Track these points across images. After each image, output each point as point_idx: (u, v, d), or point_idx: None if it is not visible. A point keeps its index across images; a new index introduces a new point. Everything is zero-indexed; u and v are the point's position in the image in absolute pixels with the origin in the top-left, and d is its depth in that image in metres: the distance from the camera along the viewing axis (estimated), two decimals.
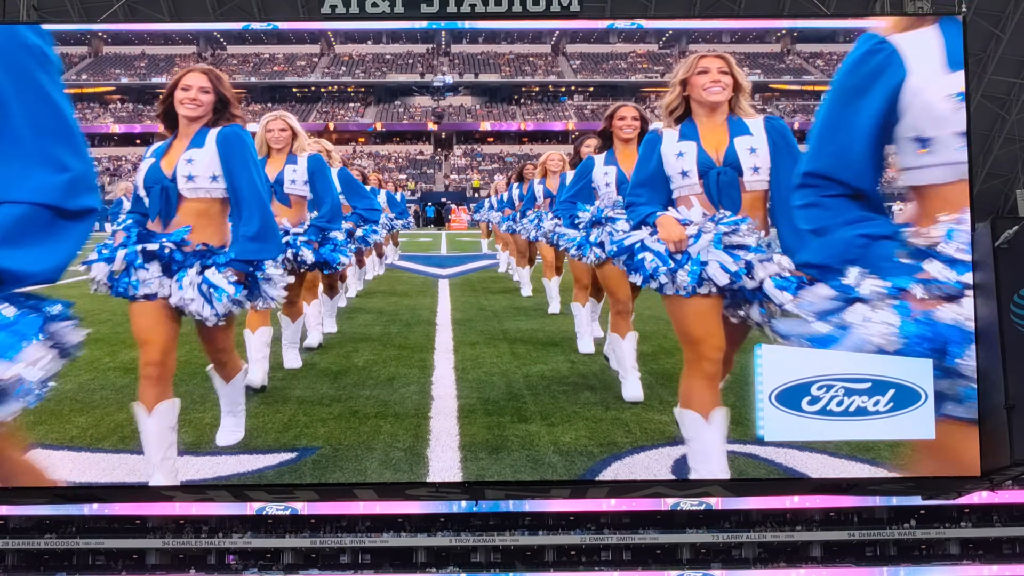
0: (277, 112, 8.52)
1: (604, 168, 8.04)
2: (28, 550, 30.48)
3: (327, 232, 8.38)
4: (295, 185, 8.35)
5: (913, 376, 6.58)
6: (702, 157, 6.49)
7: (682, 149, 6.53)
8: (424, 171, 12.95)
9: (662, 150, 6.58)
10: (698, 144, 6.52)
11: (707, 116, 6.58)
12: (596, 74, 12.59)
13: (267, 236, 6.84)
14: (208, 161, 6.69)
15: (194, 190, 6.67)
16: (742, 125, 6.56)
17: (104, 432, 7.23)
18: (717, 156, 6.50)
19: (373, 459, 7.07)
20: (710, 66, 6.58)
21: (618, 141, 8.00)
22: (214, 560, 31.19)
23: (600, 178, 8.05)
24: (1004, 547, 31.56)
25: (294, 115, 8.58)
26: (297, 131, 8.46)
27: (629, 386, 7.83)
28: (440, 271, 11.78)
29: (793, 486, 8.63)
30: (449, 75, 12.32)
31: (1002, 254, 6.92)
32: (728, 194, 6.46)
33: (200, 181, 6.67)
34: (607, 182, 7.98)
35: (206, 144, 6.72)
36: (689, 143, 6.54)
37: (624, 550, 31.32)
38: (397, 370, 8.63)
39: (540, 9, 7.91)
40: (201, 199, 6.70)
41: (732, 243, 6.41)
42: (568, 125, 12.73)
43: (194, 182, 6.65)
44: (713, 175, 6.47)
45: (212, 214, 6.73)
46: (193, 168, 6.65)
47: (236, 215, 6.77)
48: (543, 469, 7.03)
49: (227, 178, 6.70)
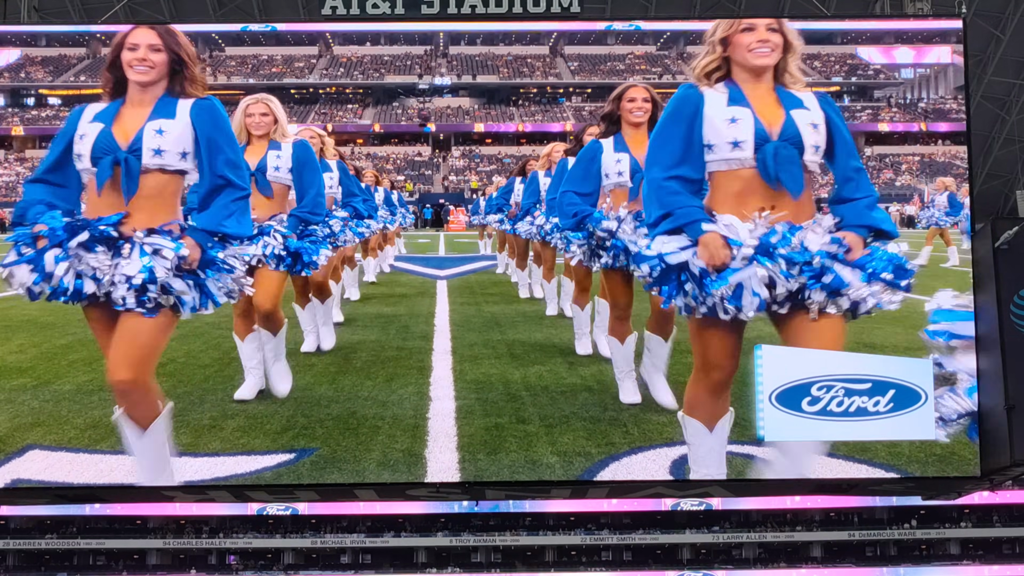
0: (258, 95, 7.79)
1: (616, 155, 7.31)
2: (29, 550, 30.47)
3: (308, 224, 7.78)
4: (279, 173, 7.73)
5: (913, 376, 6.58)
6: (759, 127, 5.74)
7: (735, 114, 5.77)
8: (422, 172, 12.94)
9: (707, 112, 5.81)
10: (753, 112, 5.77)
11: (753, 82, 5.83)
12: (594, 75, 12.58)
13: (242, 213, 6.15)
14: (180, 135, 5.96)
15: (160, 165, 5.95)
16: (793, 98, 5.86)
17: (103, 433, 7.22)
18: (772, 129, 5.75)
19: (371, 460, 7.07)
20: (757, 23, 5.83)
21: (627, 126, 7.31)
22: (215, 560, 31.18)
23: (611, 166, 7.33)
24: (1004, 547, 31.52)
25: (294, 117, 8.44)
26: (279, 116, 7.78)
27: (627, 390, 7.78)
28: (438, 272, 11.77)
29: (793, 486, 8.62)
30: (448, 77, 12.31)
31: (1002, 255, 6.91)
32: (789, 171, 5.71)
33: (168, 157, 5.94)
34: (619, 171, 7.30)
35: (177, 116, 5.96)
36: (743, 108, 5.80)
37: (624, 550, 31.30)
38: (395, 371, 8.62)
39: (541, 10, 7.89)
40: (162, 174, 5.95)
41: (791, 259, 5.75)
42: (566, 126, 12.71)
43: (161, 157, 5.93)
44: (771, 149, 5.69)
45: (168, 193, 6.00)
46: (163, 141, 5.91)
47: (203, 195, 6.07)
48: (541, 470, 7.02)
49: (202, 156, 6.00)
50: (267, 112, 7.72)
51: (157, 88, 6.05)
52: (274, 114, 7.74)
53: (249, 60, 11.73)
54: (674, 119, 5.85)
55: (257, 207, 7.35)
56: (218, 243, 6.09)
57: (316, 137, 8.40)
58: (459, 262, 11.95)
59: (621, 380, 7.83)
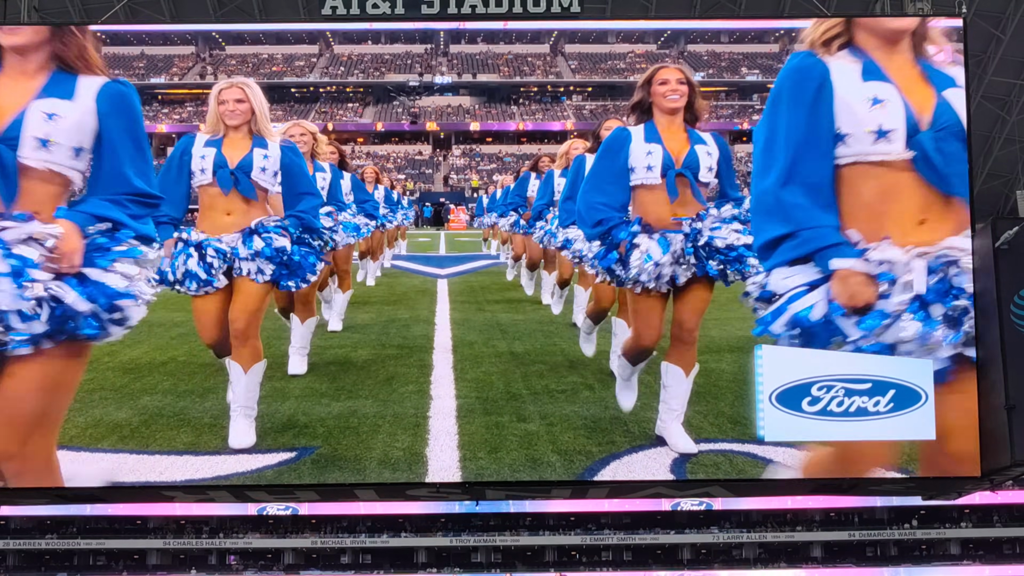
0: (232, 79, 6.78)
1: (646, 146, 6.24)
2: (29, 550, 30.45)
3: (309, 231, 7.00)
4: (264, 175, 6.79)
5: (913, 376, 6.56)
6: (909, 112, 4.68)
7: (877, 93, 4.65)
8: (423, 171, 12.94)
9: (838, 90, 4.72)
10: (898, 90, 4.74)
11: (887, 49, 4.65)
12: (594, 74, 12.58)
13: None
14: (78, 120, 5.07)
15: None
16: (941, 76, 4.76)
17: (104, 432, 7.22)
18: (923, 116, 4.65)
19: (372, 458, 7.06)
20: None
21: (660, 113, 6.29)
22: (215, 560, 31.15)
23: (640, 158, 6.27)
24: (1004, 547, 31.50)
25: (294, 115, 8.28)
26: (256, 105, 6.68)
27: (625, 397, 7.61)
28: (439, 271, 11.76)
29: (794, 486, 8.61)
30: (448, 75, 12.31)
31: (1002, 255, 6.90)
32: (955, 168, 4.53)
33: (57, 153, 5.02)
34: (649, 164, 6.26)
35: (76, 98, 5.03)
36: (886, 85, 4.77)
37: (625, 550, 31.27)
38: (396, 370, 8.62)
39: (541, 10, 7.86)
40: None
41: None
42: (567, 125, 12.72)
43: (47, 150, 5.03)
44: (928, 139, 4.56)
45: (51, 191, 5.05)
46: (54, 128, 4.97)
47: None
48: (542, 468, 7.01)
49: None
50: (242, 98, 6.67)
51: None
52: (250, 101, 6.67)
53: (249, 59, 11.73)
54: (794, 99, 4.57)
55: (233, 212, 6.71)
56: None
57: (307, 135, 7.73)
58: (460, 261, 11.94)
59: (621, 387, 7.60)
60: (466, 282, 11.65)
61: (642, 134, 6.27)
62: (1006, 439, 6.81)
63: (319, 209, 7.31)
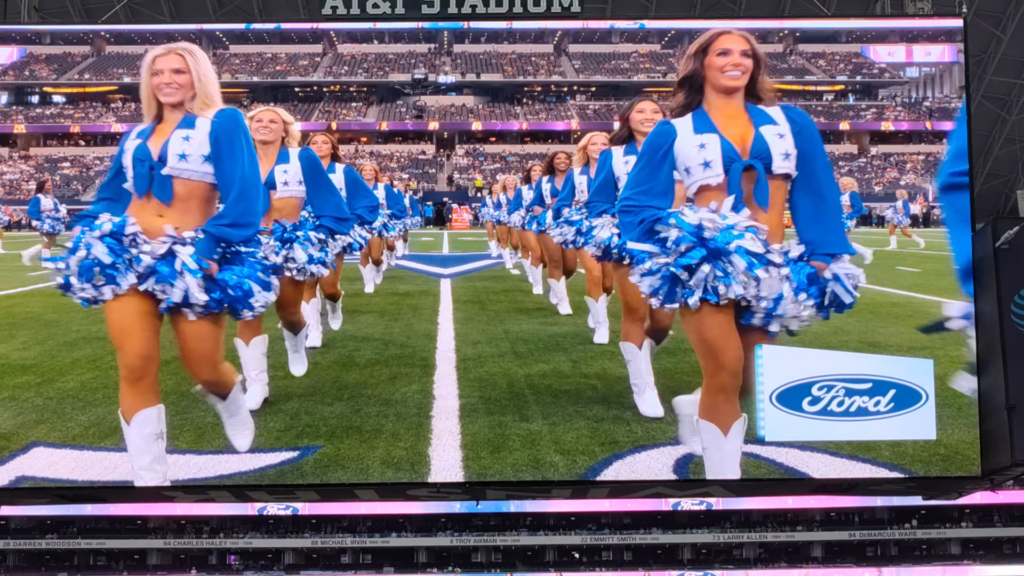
0: (171, 44, 5.63)
1: (697, 138, 5.22)
2: (29, 550, 30.49)
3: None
4: (187, 162, 5.40)
5: (914, 376, 6.59)
6: None
7: None
8: (426, 171, 12.96)
9: None
10: None
11: None
12: (598, 74, 12.60)
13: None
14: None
15: None
16: None
17: (106, 431, 7.23)
18: None
19: (375, 458, 7.07)
20: None
21: (715, 93, 5.26)
22: (215, 560, 31.20)
23: (691, 156, 5.21)
24: (1005, 547, 31.55)
25: (296, 115, 8.22)
26: (198, 80, 5.51)
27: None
28: (442, 270, 11.77)
29: (794, 486, 8.63)
30: (452, 75, 12.32)
31: (1002, 254, 6.92)
32: None
33: None
34: (705, 160, 5.19)
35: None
36: None
37: (625, 550, 31.32)
38: (399, 369, 8.63)
39: (541, 10, 7.87)
40: None
41: None
42: (571, 125, 12.74)
43: None
44: None
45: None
46: None
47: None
48: (545, 468, 7.02)
49: None
50: (182, 68, 5.48)
51: None
52: (190, 72, 5.47)
53: (253, 58, 11.74)
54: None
55: (165, 215, 5.55)
56: None
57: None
58: (463, 260, 11.96)
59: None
60: (469, 281, 11.67)
61: (690, 124, 5.27)
62: (1006, 439, 6.83)
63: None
